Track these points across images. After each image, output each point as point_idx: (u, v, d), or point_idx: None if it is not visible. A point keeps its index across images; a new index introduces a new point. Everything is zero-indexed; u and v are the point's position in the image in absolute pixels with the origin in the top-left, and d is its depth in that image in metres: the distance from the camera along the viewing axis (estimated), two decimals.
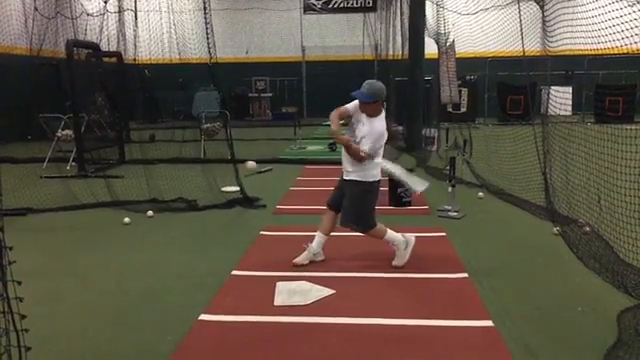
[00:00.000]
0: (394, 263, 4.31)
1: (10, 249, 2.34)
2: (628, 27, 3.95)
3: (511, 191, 6.59)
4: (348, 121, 4.28)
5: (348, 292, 3.84)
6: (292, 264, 4.35)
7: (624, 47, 4.11)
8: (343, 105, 4.27)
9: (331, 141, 11.92)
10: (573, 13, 4.97)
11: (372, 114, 4.14)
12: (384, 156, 4.34)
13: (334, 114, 4.24)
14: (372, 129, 4.10)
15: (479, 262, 4.43)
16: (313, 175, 8.76)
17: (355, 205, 4.24)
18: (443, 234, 5.27)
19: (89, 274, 4.39)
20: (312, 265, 4.37)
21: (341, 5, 20.83)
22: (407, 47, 11.38)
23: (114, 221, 5.93)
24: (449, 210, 6.00)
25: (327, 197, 4.52)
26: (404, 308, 3.57)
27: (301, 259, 4.39)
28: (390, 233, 4.33)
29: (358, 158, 4.08)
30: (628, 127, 5.50)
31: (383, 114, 4.22)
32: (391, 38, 14.93)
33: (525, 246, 4.89)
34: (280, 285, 3.95)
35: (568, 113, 14.74)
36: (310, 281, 4.02)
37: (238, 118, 17.79)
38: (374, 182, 4.21)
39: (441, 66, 9.80)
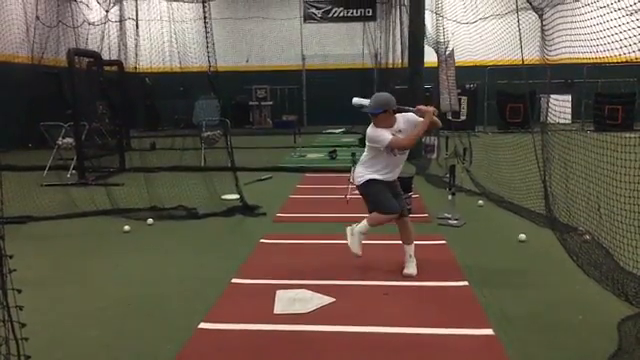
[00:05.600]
0: (408, 272, 4.30)
1: (10, 257, 2.34)
2: (627, 36, 3.97)
3: (511, 199, 6.59)
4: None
5: (348, 300, 3.84)
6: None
7: (623, 56, 4.13)
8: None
9: (331, 149, 11.97)
10: (572, 22, 4.99)
11: (388, 124, 4.16)
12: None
13: (408, 138, 4.18)
14: (405, 123, 4.21)
15: (479, 270, 4.43)
16: (313, 183, 8.77)
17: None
18: (443, 242, 5.27)
19: (89, 282, 4.39)
20: (312, 273, 4.36)
21: (341, 14, 20.96)
22: (407, 56, 11.44)
23: (114, 229, 5.93)
24: (449, 218, 6.00)
25: (327, 205, 4.51)
26: (404, 316, 3.56)
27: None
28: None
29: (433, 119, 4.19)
30: (627, 135, 5.51)
31: (397, 116, 4.24)
32: (391, 47, 15.02)
33: (525, 254, 4.88)
34: (280, 293, 3.94)
35: (567, 121, 14.75)
36: (310, 289, 4.01)
37: (238, 126, 17.83)
38: (368, 179, 4.40)
39: (441, 74, 9.83)
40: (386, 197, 4.26)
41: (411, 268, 4.31)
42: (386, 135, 4.10)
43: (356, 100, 4.42)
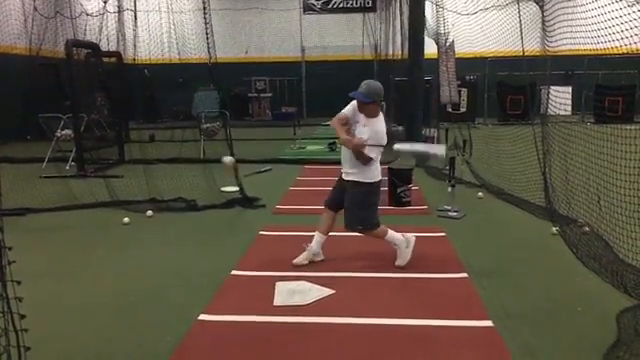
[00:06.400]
0: (397, 263, 4.31)
1: (9, 249, 2.34)
2: (628, 27, 3.95)
3: (511, 191, 6.59)
4: (349, 126, 4.23)
5: (348, 292, 3.84)
6: (292, 264, 4.36)
7: (624, 47, 4.12)
8: (341, 109, 4.22)
9: (331, 141, 11.94)
10: (573, 13, 4.97)
11: (370, 115, 4.13)
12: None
13: (336, 122, 4.14)
14: (375, 130, 4.09)
15: (479, 262, 4.43)
16: (312, 175, 8.76)
17: (356, 206, 4.23)
18: (443, 234, 5.27)
19: (88, 274, 4.39)
20: (312, 265, 4.36)
21: (340, 5, 20.83)
22: (407, 47, 11.38)
23: (113, 221, 5.92)
24: (449, 210, 6.00)
25: (326, 197, 4.52)
26: (404, 308, 3.57)
27: (300, 259, 4.39)
28: (391, 233, 4.32)
29: (366, 161, 4.07)
30: (627, 127, 5.50)
31: (381, 115, 4.20)
32: (391, 38, 14.94)
33: (525, 246, 4.89)
34: (280, 285, 3.95)
35: (568, 113, 14.74)
36: (310, 281, 4.01)
37: (238, 118, 17.77)
38: (374, 183, 4.20)
39: (441, 66, 9.79)
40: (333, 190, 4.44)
41: (399, 259, 4.31)
42: (344, 111, 4.15)
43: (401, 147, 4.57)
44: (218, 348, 3.11)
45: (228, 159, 6.54)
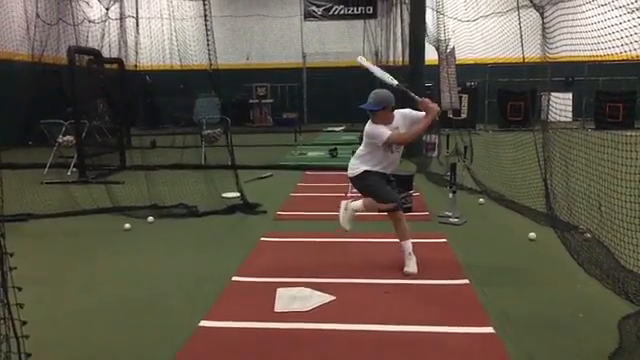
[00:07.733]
0: (409, 271, 4.28)
1: (11, 255, 2.34)
2: (628, 34, 3.96)
3: (512, 197, 6.58)
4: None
5: (349, 298, 3.83)
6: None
7: (624, 54, 4.13)
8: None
9: (332, 147, 11.97)
10: (573, 20, 4.98)
11: (387, 122, 4.19)
12: None
13: (411, 132, 4.29)
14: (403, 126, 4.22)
15: (480, 268, 4.42)
16: (313, 181, 8.77)
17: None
18: (444, 240, 5.26)
19: (90, 280, 4.39)
20: (312, 271, 4.36)
21: (341, 12, 20.95)
22: (407, 53, 11.42)
23: (115, 227, 5.93)
24: (450, 216, 6.00)
25: (328, 203, 4.53)
26: (404, 314, 3.56)
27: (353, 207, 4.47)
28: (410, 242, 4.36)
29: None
30: (628, 133, 5.50)
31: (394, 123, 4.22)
32: (391, 44, 15.00)
33: (526, 252, 4.88)
34: (280, 291, 3.94)
35: (568, 119, 14.74)
36: (310, 287, 4.01)
37: (239, 124, 17.81)
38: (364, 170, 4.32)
39: (441, 72, 9.82)
40: (384, 187, 4.32)
41: (411, 267, 4.30)
42: (384, 130, 4.13)
43: (379, 73, 4.52)
44: (219, 354, 3.10)
45: None
